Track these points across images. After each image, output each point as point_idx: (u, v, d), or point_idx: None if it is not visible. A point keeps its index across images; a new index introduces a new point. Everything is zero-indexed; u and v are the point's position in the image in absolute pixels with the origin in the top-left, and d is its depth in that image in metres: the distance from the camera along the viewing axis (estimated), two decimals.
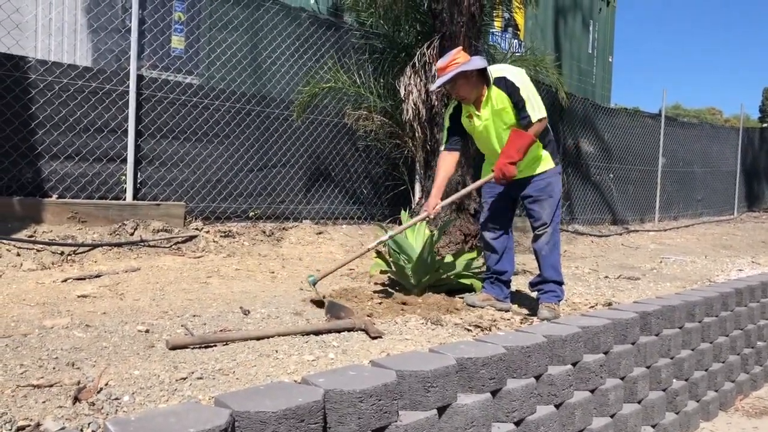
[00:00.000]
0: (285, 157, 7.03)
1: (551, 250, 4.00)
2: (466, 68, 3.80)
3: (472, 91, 3.91)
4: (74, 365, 2.51)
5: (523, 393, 2.64)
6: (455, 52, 3.92)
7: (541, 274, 4.03)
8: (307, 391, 1.99)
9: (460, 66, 3.81)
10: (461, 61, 3.84)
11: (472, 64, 3.84)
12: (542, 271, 4.02)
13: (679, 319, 3.93)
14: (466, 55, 3.93)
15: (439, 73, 3.92)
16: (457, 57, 3.87)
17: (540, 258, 4.03)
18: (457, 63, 3.83)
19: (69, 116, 5.51)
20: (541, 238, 4.00)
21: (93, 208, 5.43)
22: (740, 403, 4.47)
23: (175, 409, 1.81)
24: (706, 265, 7.23)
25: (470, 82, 3.87)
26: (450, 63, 3.85)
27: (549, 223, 3.98)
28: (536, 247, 4.04)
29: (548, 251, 4.00)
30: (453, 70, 3.82)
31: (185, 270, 4.84)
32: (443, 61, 3.90)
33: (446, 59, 3.90)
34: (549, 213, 3.99)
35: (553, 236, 4.01)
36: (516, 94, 3.82)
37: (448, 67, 3.85)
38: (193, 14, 6.53)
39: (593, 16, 14.43)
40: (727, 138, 16.31)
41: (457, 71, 3.80)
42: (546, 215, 3.99)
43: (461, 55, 3.90)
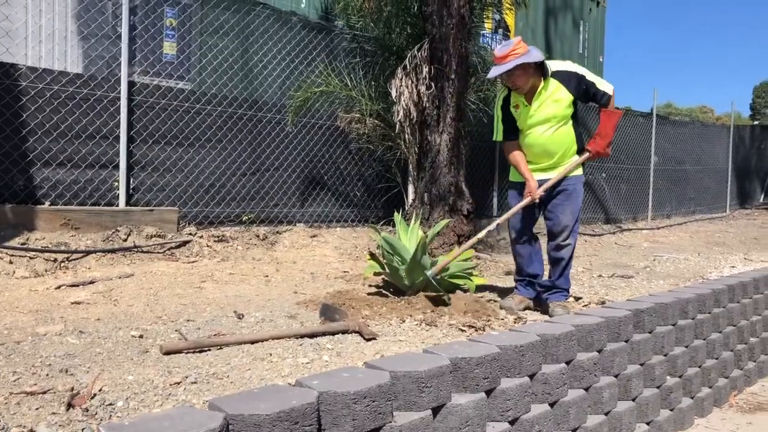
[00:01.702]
0: (278, 161, 7.03)
1: (569, 261, 4.10)
2: (526, 60, 3.85)
3: (528, 81, 3.96)
4: (68, 371, 2.50)
5: (517, 392, 2.65)
6: (516, 42, 3.93)
7: (553, 282, 4.11)
8: (301, 394, 1.99)
9: (520, 57, 3.84)
10: (521, 51, 3.87)
11: (531, 56, 3.88)
12: (555, 280, 4.11)
13: (673, 317, 3.95)
14: (525, 45, 3.95)
15: (496, 62, 3.94)
16: (517, 48, 3.89)
17: (555, 268, 4.10)
18: (516, 54, 3.86)
19: (60, 123, 5.50)
20: (563, 249, 4.07)
21: (86, 215, 5.42)
22: (734, 399, 4.48)
23: (169, 414, 1.81)
24: (699, 263, 7.26)
25: (527, 72, 3.93)
26: (510, 53, 3.87)
27: (572, 233, 4.05)
28: (555, 256, 4.10)
29: (567, 261, 4.09)
30: (512, 60, 3.85)
31: (179, 275, 4.84)
32: (503, 51, 3.91)
33: (506, 48, 3.90)
34: (572, 220, 4.05)
35: (573, 249, 4.10)
36: (584, 81, 3.98)
37: (507, 57, 3.87)
38: (184, 20, 6.53)
39: (583, 16, 14.48)
40: (719, 136, 16.38)
41: (516, 62, 3.84)
42: (569, 222, 4.06)
43: (521, 45, 3.92)
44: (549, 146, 4.05)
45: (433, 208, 6.40)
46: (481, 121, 8.07)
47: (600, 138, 4.00)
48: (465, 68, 6.64)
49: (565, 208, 4.05)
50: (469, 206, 6.43)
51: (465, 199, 6.44)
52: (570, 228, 4.06)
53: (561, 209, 4.06)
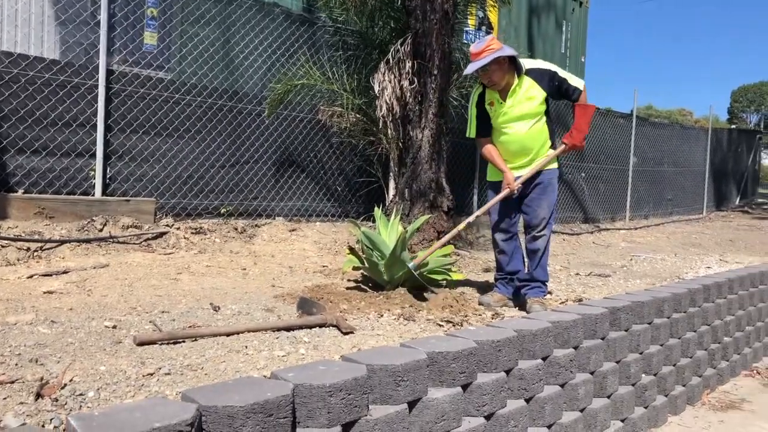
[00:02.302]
0: (257, 154, 6.98)
1: (545, 251, 4.17)
2: (500, 54, 3.92)
3: (504, 77, 4.03)
4: (38, 361, 2.45)
5: (493, 387, 2.65)
6: (490, 39, 4.02)
7: (531, 274, 4.17)
8: (276, 386, 1.96)
9: (495, 52, 3.92)
10: (495, 47, 3.95)
11: (505, 51, 3.96)
12: (533, 271, 4.18)
13: (648, 315, 3.97)
14: (499, 42, 4.02)
15: (472, 58, 4.01)
16: (491, 44, 3.97)
17: (533, 259, 4.18)
18: (491, 49, 3.94)
19: (36, 110, 5.40)
20: (539, 240, 4.14)
21: (61, 204, 5.33)
22: (707, 397, 4.53)
23: (141, 404, 1.77)
24: (675, 263, 7.33)
25: (502, 68, 4.00)
26: (485, 48, 3.95)
27: (547, 225, 4.11)
28: (532, 247, 4.17)
29: (543, 252, 4.17)
30: (488, 55, 3.92)
31: (155, 266, 4.78)
32: (477, 47, 3.98)
33: (481, 45, 3.98)
34: (548, 213, 4.12)
35: (549, 238, 4.17)
36: (556, 77, 4.06)
37: (482, 53, 3.94)
38: (165, 9, 6.44)
39: (566, 16, 14.54)
40: (697, 139, 16.56)
41: (492, 57, 3.90)
42: (546, 215, 4.13)
43: (495, 42, 3.99)
44: (525, 142, 4.11)
45: (414, 204, 6.39)
46: (463, 118, 8.02)
47: (576, 131, 4.07)
48: (448, 64, 6.63)
49: (541, 202, 4.13)
50: (449, 203, 6.43)
51: (445, 196, 6.43)
52: (547, 220, 4.14)
53: (538, 203, 4.14)
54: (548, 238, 4.17)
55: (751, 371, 5.23)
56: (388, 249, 4.37)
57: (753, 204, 20.66)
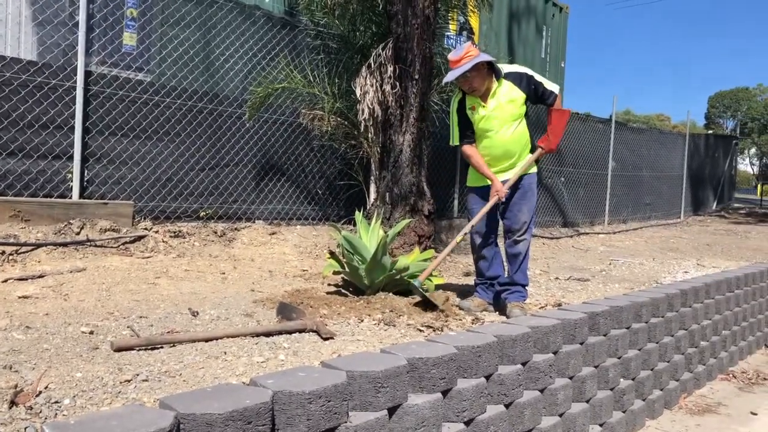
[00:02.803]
0: (238, 156, 6.94)
1: (526, 255, 4.21)
2: (479, 60, 3.96)
3: (484, 82, 4.08)
4: (12, 368, 2.41)
5: (473, 393, 2.65)
6: (467, 47, 4.06)
7: (511, 278, 4.21)
8: (255, 393, 1.95)
9: (474, 58, 3.97)
10: (473, 54, 4.00)
11: (483, 56, 4.02)
12: (513, 275, 4.21)
13: (627, 320, 4.00)
14: (477, 49, 4.08)
15: (451, 66, 4.05)
16: (470, 50, 4.02)
17: (513, 263, 4.20)
18: (470, 56, 3.99)
19: (12, 111, 5.32)
20: (519, 244, 4.18)
21: (37, 207, 5.26)
22: (684, 401, 4.57)
23: (118, 412, 1.75)
24: (653, 267, 7.40)
25: (482, 74, 4.05)
26: (464, 56, 3.99)
27: (528, 229, 4.14)
28: (513, 251, 4.20)
29: (524, 257, 4.20)
30: (467, 62, 3.97)
31: (133, 270, 4.73)
32: (456, 55, 4.02)
33: (459, 53, 4.02)
34: (528, 217, 4.16)
35: (529, 243, 4.22)
36: (532, 80, 4.11)
37: (461, 60, 3.99)
38: (145, 10, 6.39)
39: (546, 21, 14.65)
40: (675, 144, 16.76)
41: (472, 63, 3.95)
42: (527, 219, 4.18)
43: (473, 49, 4.04)
44: (509, 146, 4.16)
45: (395, 208, 6.39)
46: (444, 122, 8.08)
47: (553, 136, 4.15)
48: (429, 69, 6.64)
49: (522, 206, 4.18)
50: (430, 207, 6.43)
51: (426, 200, 6.44)
52: (527, 224, 4.19)
53: (518, 207, 4.18)
54: (528, 243, 4.20)
55: (728, 375, 5.29)
56: (369, 253, 4.36)
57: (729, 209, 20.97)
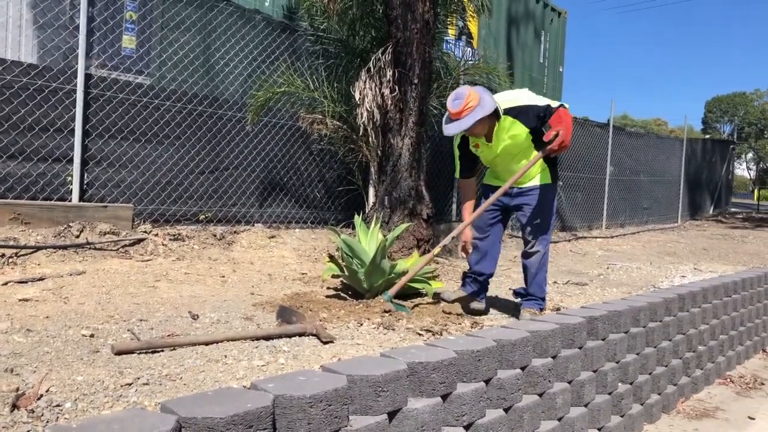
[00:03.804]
0: (237, 160, 6.95)
1: (540, 268, 4.14)
2: (482, 115, 3.78)
3: (485, 128, 3.93)
4: (13, 371, 2.42)
5: (473, 397, 2.66)
6: (467, 96, 3.80)
7: (527, 289, 4.20)
8: (256, 397, 1.96)
9: (475, 111, 3.76)
10: (474, 104, 3.77)
11: (485, 107, 3.79)
12: (528, 287, 4.19)
13: (625, 324, 4.01)
14: (475, 93, 3.83)
15: (452, 117, 3.84)
16: (470, 101, 3.77)
17: (528, 275, 4.17)
18: (470, 108, 3.77)
19: (12, 114, 5.33)
20: (533, 256, 4.12)
21: (37, 209, 5.26)
22: (682, 405, 4.58)
23: (119, 416, 1.76)
24: (651, 272, 7.42)
25: (483, 121, 3.86)
26: (464, 108, 3.77)
27: (542, 242, 4.11)
28: (527, 263, 4.16)
29: (537, 269, 4.14)
30: (468, 116, 3.77)
31: (133, 274, 4.73)
32: (456, 106, 3.80)
33: (459, 103, 3.79)
34: (541, 228, 4.10)
35: (545, 256, 4.14)
36: (536, 110, 3.92)
37: (462, 112, 3.78)
38: (145, 13, 6.40)
39: (545, 26, 14.70)
40: (672, 148, 16.80)
41: (474, 120, 3.77)
42: (537, 230, 4.10)
43: (472, 97, 3.80)
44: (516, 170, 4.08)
45: (394, 212, 6.41)
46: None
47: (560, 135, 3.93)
48: (428, 73, 6.67)
49: (534, 219, 4.10)
50: (429, 211, 6.45)
51: (425, 204, 6.46)
52: (538, 236, 4.11)
53: (530, 220, 4.11)
54: (542, 255, 4.12)
55: (725, 379, 5.30)
56: (368, 257, 4.38)
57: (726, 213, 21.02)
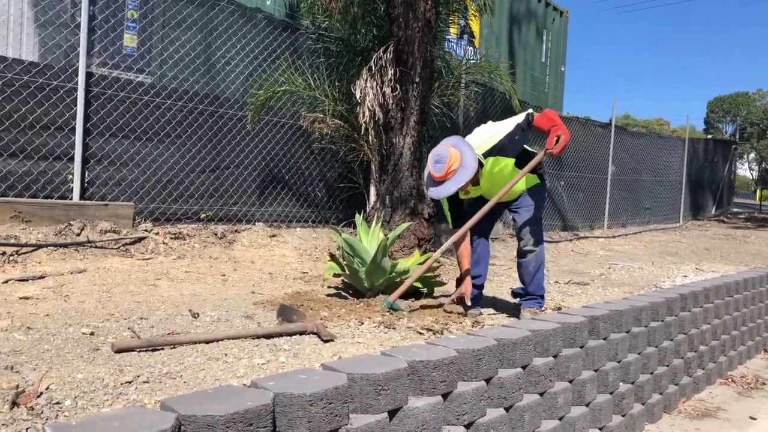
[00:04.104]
0: (238, 159, 6.94)
1: (537, 266, 4.15)
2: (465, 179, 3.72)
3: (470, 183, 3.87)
4: (13, 369, 2.41)
5: (473, 396, 2.65)
6: (448, 159, 3.70)
7: (526, 288, 4.19)
8: (257, 395, 1.95)
9: (458, 174, 3.70)
10: (456, 166, 3.69)
11: (467, 167, 3.71)
12: (527, 285, 4.18)
13: (627, 324, 4.01)
14: (456, 152, 3.73)
15: (436, 179, 3.76)
16: (452, 163, 3.69)
17: (526, 273, 4.16)
18: (453, 171, 3.69)
19: (13, 112, 5.33)
20: (527, 256, 4.12)
21: (38, 208, 5.26)
22: (683, 405, 4.57)
23: (119, 414, 1.75)
24: (652, 272, 7.41)
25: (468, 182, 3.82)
26: (447, 173, 3.70)
27: (535, 240, 4.11)
28: (523, 262, 4.16)
29: (535, 267, 4.14)
30: (452, 179, 3.71)
31: (133, 272, 4.73)
32: (438, 171, 3.71)
33: (442, 169, 3.70)
34: (533, 230, 4.10)
35: (541, 253, 4.15)
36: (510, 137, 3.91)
37: (446, 176, 3.71)
38: (146, 12, 6.40)
39: (547, 25, 14.69)
40: (674, 148, 16.78)
41: (458, 186, 3.73)
42: (531, 232, 4.10)
43: (453, 159, 3.70)
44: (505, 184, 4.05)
45: (395, 211, 6.40)
46: (444, 126, 8.11)
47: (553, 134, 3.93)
48: (430, 72, 6.65)
49: (525, 220, 4.11)
50: (430, 210, 6.44)
51: (426, 203, 6.45)
52: (533, 234, 4.11)
53: (522, 221, 4.12)
54: (538, 254, 4.12)
55: (727, 379, 5.29)
56: (369, 256, 4.37)
57: (728, 213, 20.99)
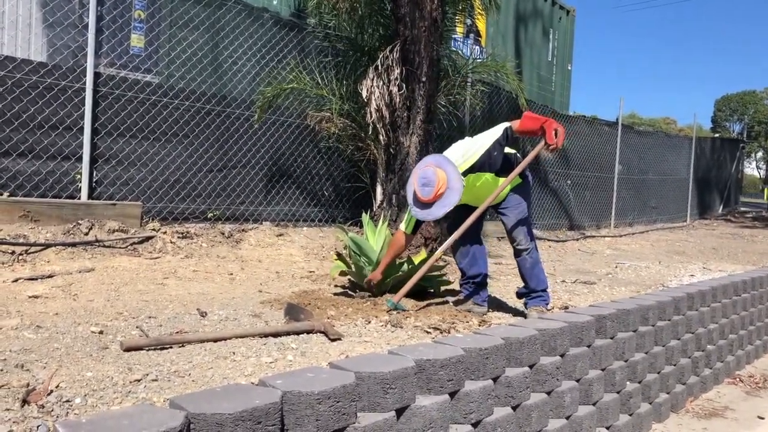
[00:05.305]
0: (245, 158, 6.96)
1: (534, 263, 4.15)
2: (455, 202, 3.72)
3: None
4: (23, 367, 2.43)
5: (480, 394, 2.66)
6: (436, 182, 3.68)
7: (527, 286, 4.19)
8: (265, 393, 1.96)
9: (446, 197, 3.70)
10: (443, 190, 3.69)
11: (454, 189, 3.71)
12: (527, 282, 4.18)
13: (634, 323, 4.00)
14: (442, 174, 3.72)
15: (421, 201, 3.77)
16: (439, 187, 3.69)
17: (524, 271, 4.17)
18: (440, 194, 3.70)
19: (22, 112, 5.36)
20: (523, 254, 4.13)
21: (46, 207, 5.29)
22: (690, 404, 4.57)
23: (128, 411, 1.76)
24: (659, 271, 7.39)
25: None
26: (435, 196, 3.70)
27: (525, 237, 4.12)
28: (520, 261, 4.18)
29: (531, 264, 4.15)
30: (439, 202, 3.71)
31: (141, 271, 4.75)
32: (426, 194, 3.71)
33: (430, 192, 3.70)
34: (522, 227, 4.11)
35: (533, 250, 4.15)
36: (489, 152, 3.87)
37: (434, 200, 3.72)
38: (153, 12, 6.42)
39: (553, 24, 14.65)
40: (681, 147, 16.72)
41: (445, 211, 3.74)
42: (520, 229, 4.11)
43: (441, 181, 3.70)
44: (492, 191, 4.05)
45: (401, 210, 6.40)
46: (451, 124, 8.11)
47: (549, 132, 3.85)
48: (436, 71, 6.66)
49: (514, 217, 4.11)
50: None
51: None
52: (523, 232, 4.10)
53: (510, 219, 4.11)
54: (532, 250, 4.13)
55: (734, 379, 5.28)
56: (375, 255, 4.38)
57: (736, 212, 20.90)
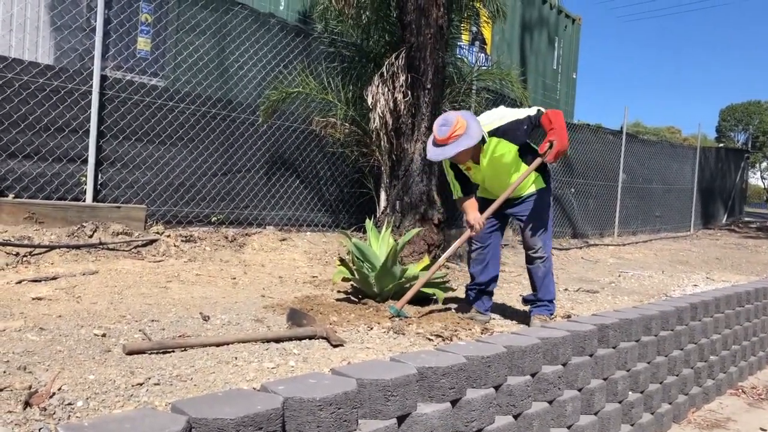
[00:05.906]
0: (250, 162, 6.98)
1: (546, 273, 4.16)
2: (467, 145, 3.76)
3: (468, 155, 3.91)
4: (26, 369, 2.44)
5: (482, 403, 2.65)
6: (455, 123, 3.77)
7: (536, 294, 4.21)
8: (266, 399, 1.97)
9: (460, 139, 3.75)
10: (460, 132, 3.75)
11: (471, 136, 3.76)
12: (537, 291, 4.20)
13: (636, 333, 4.00)
14: (463, 120, 3.80)
15: (437, 141, 3.81)
16: (457, 129, 3.75)
17: (535, 280, 4.18)
18: (456, 135, 3.75)
19: (29, 114, 5.38)
20: (536, 262, 4.14)
21: (51, 209, 5.31)
22: (693, 415, 4.55)
23: (130, 415, 1.77)
24: (662, 280, 7.38)
25: (468, 149, 3.85)
26: (450, 136, 3.75)
27: (543, 246, 4.10)
28: (532, 268, 4.19)
29: (543, 274, 4.16)
30: (453, 144, 3.76)
31: (145, 274, 4.76)
32: (442, 133, 3.77)
33: (446, 131, 3.76)
34: (541, 234, 4.11)
35: (549, 259, 4.17)
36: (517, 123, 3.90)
37: (449, 139, 3.76)
38: (161, 16, 6.45)
39: (558, 33, 14.67)
40: (685, 156, 16.70)
41: (458, 150, 3.76)
42: (538, 236, 4.11)
43: (460, 124, 3.77)
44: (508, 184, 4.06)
45: (405, 217, 6.41)
46: None
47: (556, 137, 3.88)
48: (441, 78, 6.67)
49: (532, 225, 4.12)
50: (440, 216, 6.45)
51: (436, 209, 6.46)
52: (540, 240, 4.12)
53: (529, 226, 4.13)
54: (546, 259, 4.14)
55: (737, 390, 5.26)
56: (378, 261, 4.38)
57: (740, 222, 20.84)
